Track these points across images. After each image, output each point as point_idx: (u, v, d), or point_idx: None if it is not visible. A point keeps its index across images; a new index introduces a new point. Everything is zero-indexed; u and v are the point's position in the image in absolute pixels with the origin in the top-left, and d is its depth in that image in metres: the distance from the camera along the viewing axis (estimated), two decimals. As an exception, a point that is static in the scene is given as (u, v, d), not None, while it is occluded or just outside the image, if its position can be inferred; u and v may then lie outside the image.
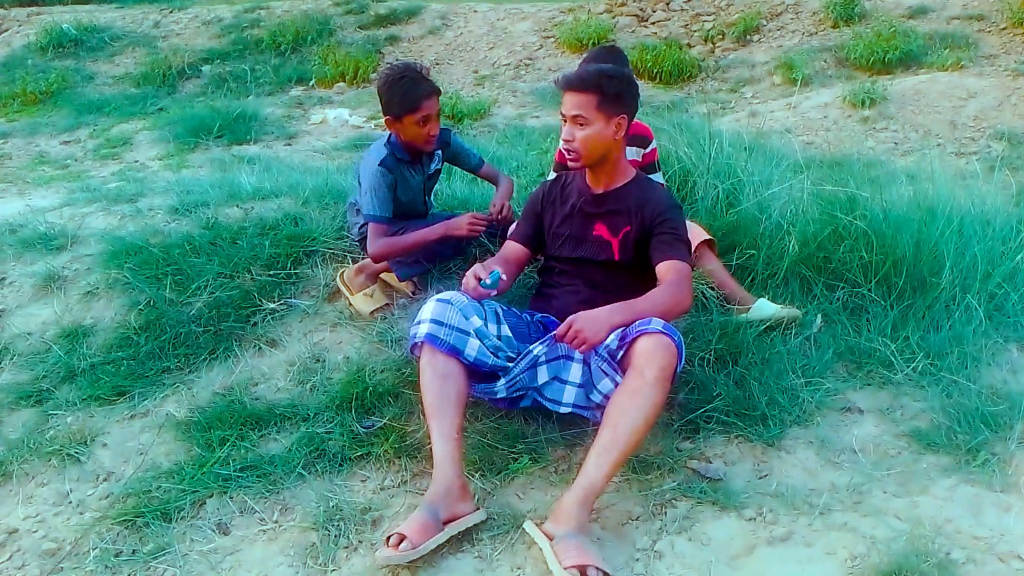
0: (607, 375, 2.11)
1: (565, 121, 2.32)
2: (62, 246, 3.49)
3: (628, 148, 2.91)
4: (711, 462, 2.18)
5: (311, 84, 9.40)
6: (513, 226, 2.80)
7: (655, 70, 8.97)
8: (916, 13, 9.12)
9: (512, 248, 2.56)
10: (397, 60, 3.06)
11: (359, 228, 2.96)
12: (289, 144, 7.16)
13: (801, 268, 2.98)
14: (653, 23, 10.18)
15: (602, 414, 2.01)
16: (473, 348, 2.15)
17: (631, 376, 1.98)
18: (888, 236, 2.97)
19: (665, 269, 2.25)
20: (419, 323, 2.15)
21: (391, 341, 2.75)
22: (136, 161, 6.88)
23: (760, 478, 2.13)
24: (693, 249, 2.65)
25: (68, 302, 3.16)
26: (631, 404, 1.93)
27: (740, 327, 2.69)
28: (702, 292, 2.85)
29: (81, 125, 8.20)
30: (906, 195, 3.39)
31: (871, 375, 2.53)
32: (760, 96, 8.22)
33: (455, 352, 2.11)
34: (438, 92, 2.78)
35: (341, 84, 9.34)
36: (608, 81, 2.26)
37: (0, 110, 9.05)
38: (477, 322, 2.16)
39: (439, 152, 3.02)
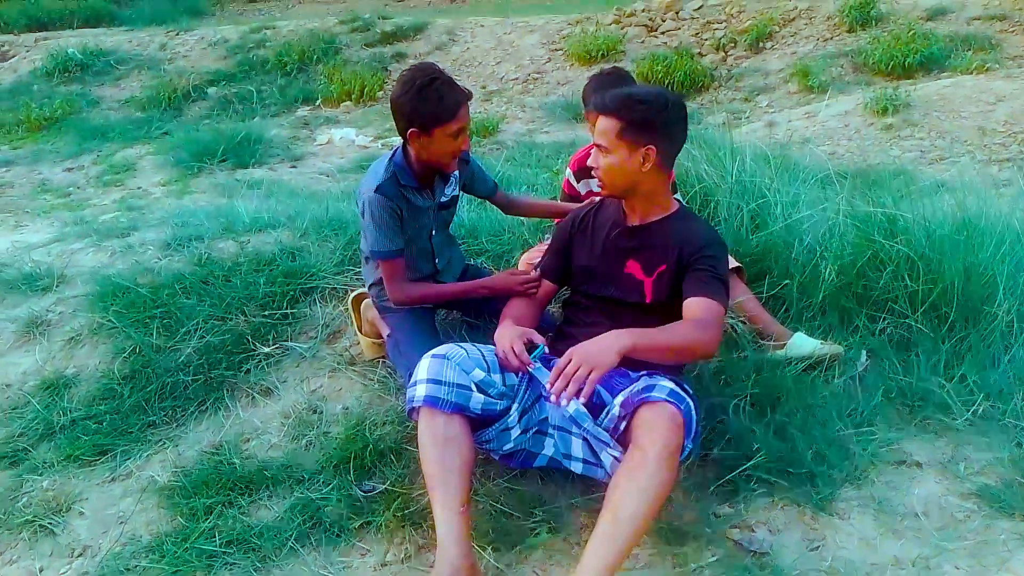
0: (607, 447, 1.88)
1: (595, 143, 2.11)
2: (47, 287, 3.29)
3: None
4: (754, 531, 1.94)
5: (317, 104, 9.24)
6: (528, 253, 2.57)
7: (666, 81, 8.72)
8: (935, 15, 8.83)
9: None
10: (411, 65, 2.43)
11: (373, 278, 2.51)
12: (294, 166, 6.97)
13: (840, 298, 2.72)
14: (663, 33, 9.95)
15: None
16: (478, 401, 1.92)
17: (632, 453, 1.72)
18: (934, 260, 2.72)
19: (695, 307, 1.97)
20: (415, 384, 1.91)
21: (393, 389, 2.52)
22: (139, 188, 6.71)
23: (811, 550, 1.88)
24: None
25: (51, 349, 2.96)
26: (632, 486, 1.67)
27: (777, 366, 2.44)
28: (733, 327, 2.61)
29: (85, 151, 8.04)
30: (945, 211, 3.12)
31: (927, 422, 2.27)
32: (776, 105, 7.96)
33: (459, 409, 1.88)
34: (471, 97, 2.27)
35: (348, 103, 9.17)
36: (634, 107, 1.99)
37: (5, 137, 8.93)
38: (479, 374, 1.93)
39: (454, 174, 2.50)
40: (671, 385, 1.82)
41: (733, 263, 2.72)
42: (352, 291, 2.85)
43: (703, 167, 3.52)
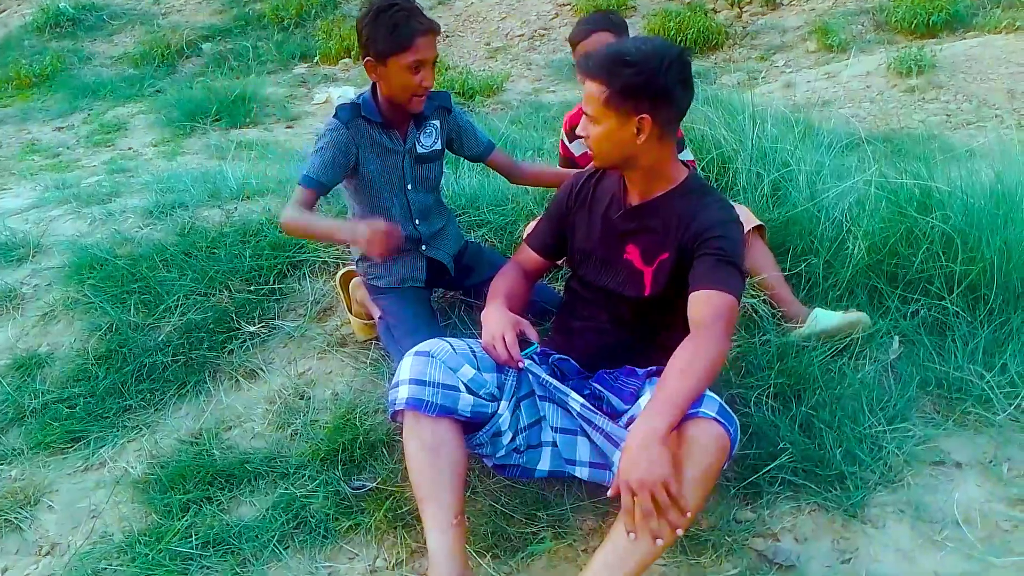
0: (618, 447, 1.66)
1: None
2: (23, 257, 3.12)
3: None
4: (779, 539, 1.76)
5: (315, 60, 8.92)
6: (532, 224, 2.34)
7: (679, 38, 8.36)
8: (961, -30, 8.43)
9: (527, 257, 2.10)
10: None
11: (359, 253, 2.35)
12: (290, 126, 6.72)
13: (870, 276, 2.52)
14: (676, -13, 9.55)
15: None
16: (467, 403, 1.71)
17: None
18: (971, 237, 2.50)
19: (699, 304, 1.67)
20: (397, 386, 1.71)
21: (386, 374, 2.34)
22: (129, 148, 6.47)
23: (843, 562, 1.71)
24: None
25: (24, 325, 2.78)
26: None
27: (801, 351, 2.25)
28: (754, 308, 2.41)
29: (75, 110, 7.78)
30: (983, 182, 2.89)
31: (965, 416, 2.08)
32: (793, 64, 7.63)
33: (445, 412, 1.69)
34: (436, 30, 2.08)
35: (346, 60, 8.85)
36: (622, 70, 1.68)
37: (-6, 95, 8.67)
38: (468, 371, 1.73)
39: (436, 123, 2.27)
40: (719, 399, 1.59)
41: (754, 220, 2.51)
42: (342, 267, 2.65)
43: (721, 132, 3.28)
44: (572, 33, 2.64)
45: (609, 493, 1.49)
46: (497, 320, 1.81)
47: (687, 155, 2.73)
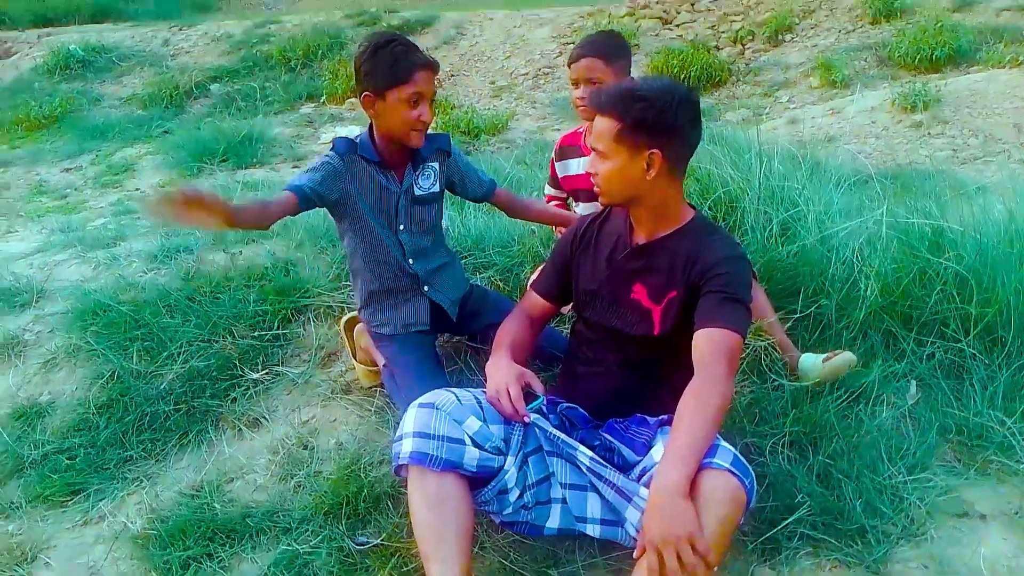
0: (634, 498, 1.62)
1: None
2: (27, 303, 3.09)
3: None
4: (799, 600, 1.70)
5: (322, 101, 9.01)
6: (538, 271, 2.31)
7: (682, 76, 8.44)
8: (961, 6, 8.50)
9: (532, 303, 2.07)
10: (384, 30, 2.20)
11: (361, 299, 2.32)
12: (296, 166, 6.73)
13: (884, 319, 2.47)
14: (678, 25, 9.66)
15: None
16: (472, 457, 1.67)
17: None
18: (986, 277, 2.46)
19: (702, 342, 1.65)
20: (400, 439, 1.67)
21: (392, 423, 2.30)
22: (137, 189, 6.50)
23: (867, 623, 1.64)
24: None
25: (27, 372, 2.75)
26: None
27: (816, 397, 2.20)
28: (765, 351, 2.36)
29: (84, 151, 7.84)
30: (996, 220, 2.85)
31: (987, 465, 2.02)
32: (797, 100, 7.67)
33: (451, 467, 1.64)
34: (436, 67, 2.09)
35: (352, 100, 8.92)
36: (634, 105, 1.68)
37: (3, 136, 8.76)
38: (475, 424, 1.69)
39: (435, 165, 2.24)
40: (733, 450, 1.55)
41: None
42: (346, 311, 2.62)
43: (728, 171, 3.26)
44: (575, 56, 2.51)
45: (635, 555, 1.45)
46: (502, 373, 1.77)
47: None
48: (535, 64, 9.42)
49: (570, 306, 2.10)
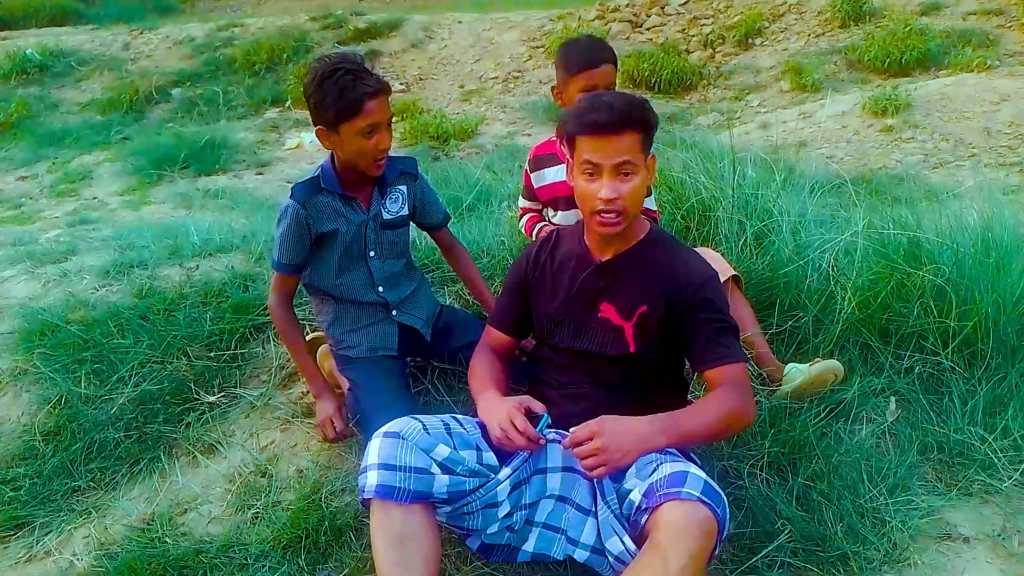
0: (616, 534, 1.56)
1: (591, 172, 1.66)
2: (-30, 323, 2.92)
3: None
4: (782, 633, 1.62)
5: (287, 105, 8.84)
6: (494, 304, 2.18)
7: (653, 79, 8.43)
8: (929, 9, 8.57)
9: (494, 339, 1.98)
10: (329, 54, 2.03)
11: (326, 320, 2.23)
12: (260, 173, 6.60)
13: (861, 332, 2.42)
14: (648, 29, 9.64)
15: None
16: (442, 484, 1.58)
17: (650, 558, 1.40)
18: (963, 288, 2.42)
19: (718, 382, 1.67)
20: (365, 471, 1.58)
21: (355, 447, 2.19)
22: (94, 198, 6.32)
23: (852, 657, 1.57)
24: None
25: (-32, 398, 2.59)
26: None
27: (794, 415, 2.14)
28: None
29: (40, 158, 7.62)
30: (971, 228, 2.82)
31: (969, 484, 1.97)
32: (768, 104, 7.67)
33: (419, 498, 1.55)
34: (387, 90, 1.98)
35: (320, 104, 8.78)
36: (647, 115, 1.66)
37: (-43, 144, 8.48)
38: (444, 451, 1.60)
39: (403, 188, 2.17)
40: (704, 477, 1.48)
41: (730, 270, 2.38)
42: (308, 331, 2.50)
43: (701, 179, 3.19)
44: (574, 61, 2.34)
45: (565, 443, 1.58)
46: (500, 409, 1.67)
47: (651, 203, 2.60)
48: (504, 68, 9.34)
49: (529, 336, 2.02)
